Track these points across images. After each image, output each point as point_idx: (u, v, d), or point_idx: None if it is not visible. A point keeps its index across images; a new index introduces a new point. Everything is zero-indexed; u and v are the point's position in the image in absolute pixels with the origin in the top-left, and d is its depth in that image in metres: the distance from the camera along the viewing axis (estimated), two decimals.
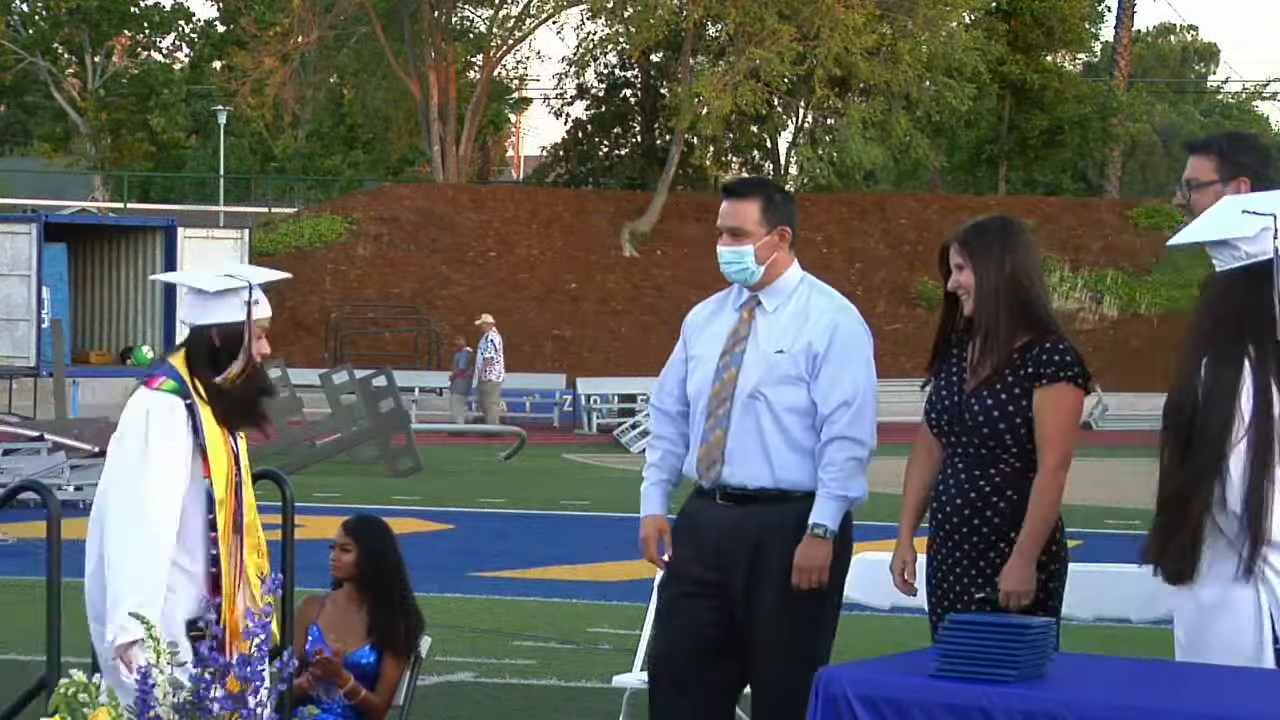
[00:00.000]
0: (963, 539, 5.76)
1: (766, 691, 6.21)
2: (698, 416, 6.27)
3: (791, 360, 6.15)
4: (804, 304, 6.24)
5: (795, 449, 6.14)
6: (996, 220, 5.99)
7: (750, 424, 6.14)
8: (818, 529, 6.07)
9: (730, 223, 6.26)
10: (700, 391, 6.26)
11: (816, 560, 6.06)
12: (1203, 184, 5.62)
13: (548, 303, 44.50)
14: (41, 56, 61.56)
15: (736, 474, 6.16)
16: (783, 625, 6.12)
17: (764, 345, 6.19)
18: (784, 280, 6.27)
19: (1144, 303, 45.82)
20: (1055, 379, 5.70)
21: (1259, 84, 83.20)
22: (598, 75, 53.75)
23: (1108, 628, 9.15)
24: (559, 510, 20.08)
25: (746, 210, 6.25)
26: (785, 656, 6.12)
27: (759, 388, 6.14)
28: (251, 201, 59.54)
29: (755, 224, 6.24)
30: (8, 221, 39.54)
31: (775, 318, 6.22)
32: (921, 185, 59.93)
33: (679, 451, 6.36)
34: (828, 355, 6.13)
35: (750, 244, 6.22)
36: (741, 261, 6.23)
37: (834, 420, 6.10)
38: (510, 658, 10.89)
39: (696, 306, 6.53)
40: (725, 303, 6.38)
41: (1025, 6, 51.08)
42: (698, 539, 6.25)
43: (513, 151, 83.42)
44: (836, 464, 6.09)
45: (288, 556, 5.93)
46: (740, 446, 6.15)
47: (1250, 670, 5.07)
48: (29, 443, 20.08)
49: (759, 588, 6.13)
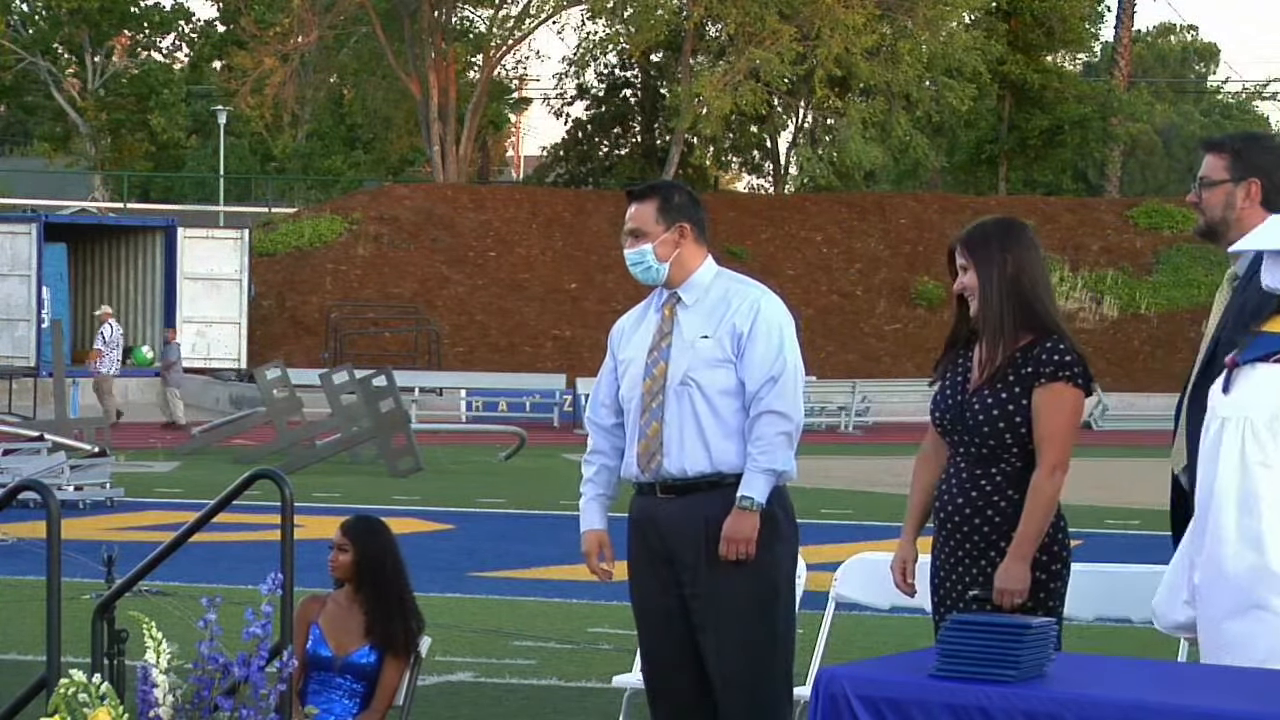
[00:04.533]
0: (964, 538, 5.77)
1: (728, 677, 6.28)
2: (632, 416, 6.39)
3: (717, 343, 6.27)
4: (724, 293, 6.38)
5: (729, 433, 6.25)
6: (1000, 221, 5.99)
7: (685, 410, 6.26)
8: (745, 500, 6.16)
9: (630, 225, 6.45)
10: (632, 391, 6.40)
11: (744, 532, 6.15)
12: (1214, 183, 5.62)
13: (548, 303, 44.52)
14: (41, 56, 61.58)
15: (675, 462, 6.27)
16: (737, 609, 6.22)
17: (688, 335, 6.33)
18: (699, 275, 6.41)
19: (1144, 303, 45.82)
20: (1054, 378, 5.70)
21: (1259, 84, 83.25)
22: (598, 75, 53.81)
23: (1108, 628, 9.15)
24: (559, 510, 20.04)
25: (644, 211, 6.41)
26: (743, 641, 6.22)
27: (688, 374, 6.27)
28: (251, 201, 59.59)
29: (652, 223, 6.38)
30: (8, 221, 39.60)
31: (696, 309, 6.37)
32: (921, 185, 59.93)
33: (614, 465, 6.53)
34: (751, 334, 6.26)
35: (649, 243, 6.38)
36: (644, 260, 6.39)
37: (761, 396, 6.21)
38: (510, 658, 10.89)
39: (621, 318, 6.69)
40: (648, 307, 6.55)
41: (1025, 6, 51.09)
42: (648, 537, 6.37)
43: (513, 151, 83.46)
44: (765, 438, 6.19)
45: (287, 556, 5.93)
46: (676, 435, 6.27)
47: (1251, 670, 5.07)
48: (29, 443, 20.07)
49: (711, 576, 6.22)
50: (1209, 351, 5.60)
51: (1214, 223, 5.67)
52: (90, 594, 11.63)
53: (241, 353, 39.33)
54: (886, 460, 9.68)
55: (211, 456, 25.74)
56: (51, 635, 5.31)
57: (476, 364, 41.52)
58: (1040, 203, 51.08)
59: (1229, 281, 5.70)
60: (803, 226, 47.11)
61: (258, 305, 41.80)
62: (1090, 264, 46.96)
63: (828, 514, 18.29)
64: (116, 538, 14.52)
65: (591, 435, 6.62)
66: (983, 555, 5.75)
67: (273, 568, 5.44)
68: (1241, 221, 5.63)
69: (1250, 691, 4.74)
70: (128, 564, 8.66)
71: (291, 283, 44.36)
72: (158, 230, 40.12)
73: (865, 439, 33.06)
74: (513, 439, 27.38)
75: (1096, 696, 4.60)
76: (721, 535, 6.18)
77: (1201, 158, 5.75)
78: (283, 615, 5.80)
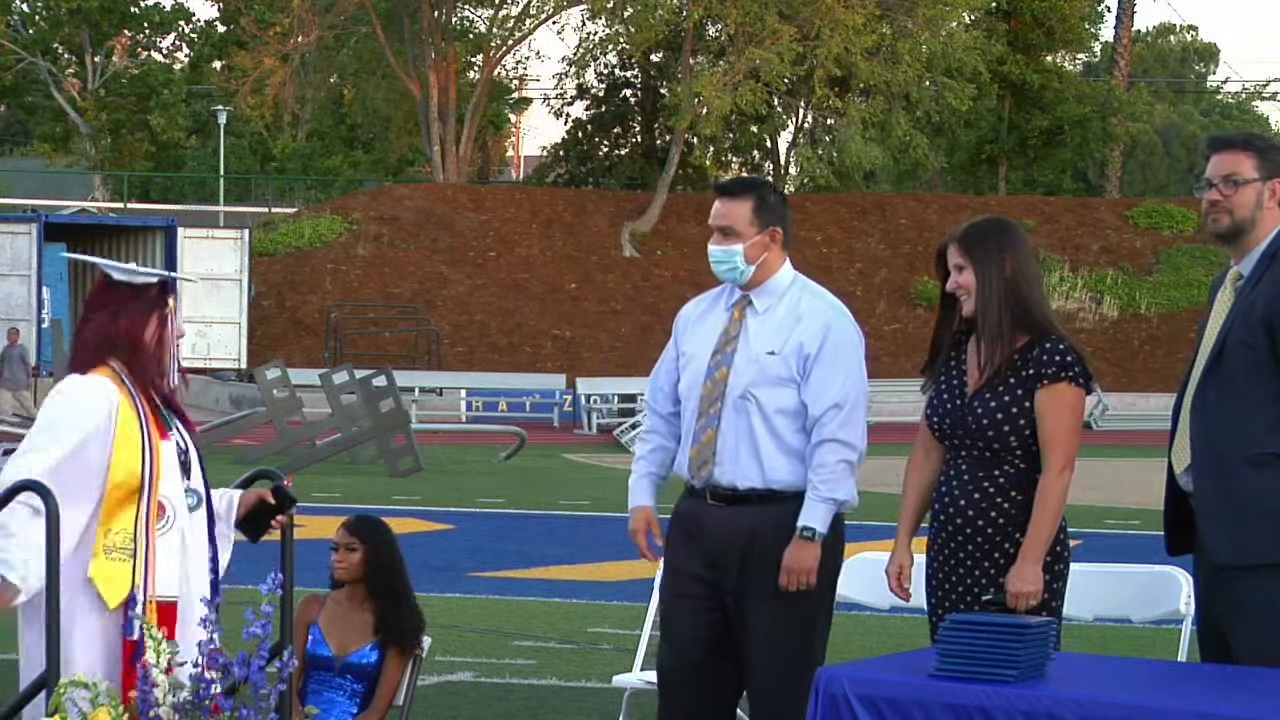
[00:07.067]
0: (966, 540, 5.76)
1: (763, 693, 6.22)
2: (689, 415, 6.27)
3: (783, 361, 6.15)
4: (796, 305, 6.24)
5: (785, 450, 6.14)
6: (994, 220, 5.98)
7: (741, 424, 6.15)
8: (806, 531, 6.06)
9: (722, 222, 6.26)
10: (691, 390, 6.26)
11: (805, 563, 6.06)
12: (1245, 180, 5.59)
13: (548, 303, 44.51)
14: (41, 56, 61.56)
15: (727, 474, 6.17)
16: (775, 626, 6.13)
17: (755, 346, 6.19)
18: (775, 281, 6.27)
19: (1144, 303, 45.82)
20: (1056, 379, 5.70)
21: (1259, 84, 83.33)
22: (598, 75, 53.78)
23: (1108, 628, 9.16)
24: (559, 510, 20.07)
25: (738, 210, 6.24)
26: (779, 657, 6.13)
27: (750, 389, 6.15)
28: (251, 201, 59.57)
29: (746, 224, 6.22)
30: (8, 221, 39.59)
31: (766, 318, 6.23)
32: (921, 185, 59.92)
33: (670, 447, 6.37)
34: (819, 357, 6.13)
35: (740, 243, 6.21)
36: (731, 261, 6.23)
37: (825, 423, 6.09)
38: (510, 658, 10.89)
39: (688, 304, 6.52)
40: (717, 301, 6.38)
41: (1025, 6, 51.08)
42: (691, 539, 6.26)
43: (513, 151, 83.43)
44: (827, 466, 6.08)
45: (287, 556, 5.92)
46: (730, 447, 6.16)
47: (1251, 670, 5.08)
48: None
49: (751, 588, 6.14)
50: (1215, 351, 5.59)
51: (1243, 222, 5.62)
52: None
53: (241, 353, 39.33)
54: (886, 460, 9.65)
55: (212, 456, 25.60)
56: (51, 635, 5.30)
57: (476, 364, 41.52)
58: (1040, 203, 51.07)
59: (1232, 282, 5.68)
60: (803, 226, 47.10)
61: (258, 305, 41.80)
62: (1090, 264, 46.94)
63: None
64: None
65: (649, 418, 6.48)
66: (986, 557, 5.74)
67: (273, 568, 5.43)
68: (1262, 223, 5.62)
69: (1250, 691, 4.74)
70: None
71: (291, 283, 44.35)
72: (158, 230, 40.11)
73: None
74: (513, 439, 27.38)
75: (1096, 696, 4.61)
76: (783, 565, 6.07)
77: (1208, 157, 5.71)
78: (283, 615, 5.79)
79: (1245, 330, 5.51)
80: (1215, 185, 5.62)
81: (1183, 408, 5.67)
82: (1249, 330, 5.50)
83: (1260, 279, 5.57)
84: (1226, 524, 5.49)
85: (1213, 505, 5.53)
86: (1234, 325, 5.55)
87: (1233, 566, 5.49)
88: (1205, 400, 5.57)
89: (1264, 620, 5.41)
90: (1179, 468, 5.69)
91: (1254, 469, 5.45)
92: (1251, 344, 5.49)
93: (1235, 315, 5.57)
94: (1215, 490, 5.52)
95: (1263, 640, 5.40)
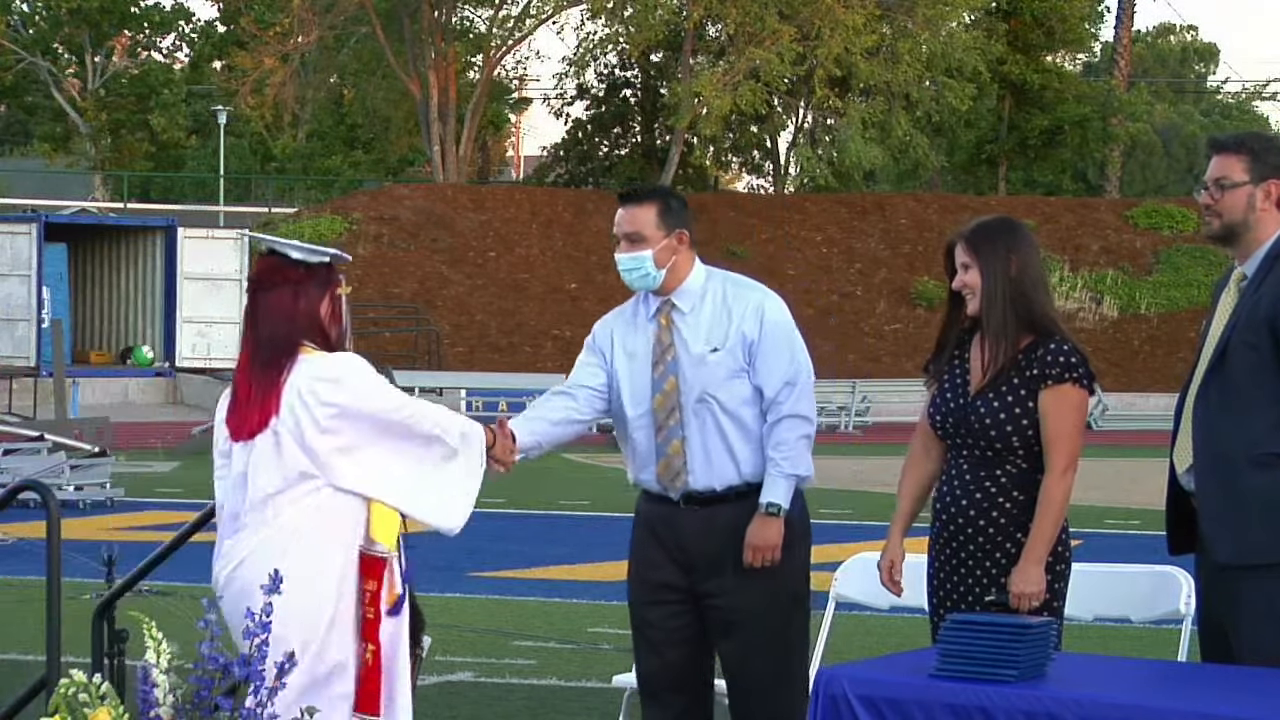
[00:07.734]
0: (968, 539, 5.76)
1: (746, 686, 6.25)
2: (640, 432, 6.27)
3: (729, 354, 6.19)
4: (722, 297, 6.27)
5: (754, 441, 6.19)
6: (1002, 220, 5.99)
7: (708, 427, 6.18)
8: (771, 507, 6.11)
9: (628, 229, 6.29)
10: (636, 406, 6.27)
11: (770, 539, 6.11)
12: (1234, 184, 5.58)
13: (548, 303, 44.51)
14: (41, 56, 61.54)
15: (702, 479, 6.20)
16: (761, 617, 6.18)
17: (694, 348, 6.22)
18: (691, 281, 6.30)
19: (1144, 303, 45.81)
20: (1060, 380, 5.69)
21: (1259, 84, 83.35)
22: (598, 75, 53.77)
23: (1108, 628, 9.16)
24: (559, 510, 20.07)
25: (643, 215, 6.27)
26: (765, 647, 6.19)
27: (706, 391, 6.18)
28: (251, 201, 59.58)
29: (653, 228, 6.25)
30: (8, 221, 39.55)
31: (695, 317, 6.25)
32: (921, 185, 59.91)
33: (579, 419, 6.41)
34: (762, 340, 6.18)
35: (649, 249, 6.24)
36: (642, 267, 6.25)
37: (780, 400, 6.15)
38: (510, 658, 10.89)
39: (601, 322, 6.51)
40: (636, 314, 6.38)
41: (1025, 6, 51.06)
42: (662, 544, 6.28)
43: (513, 151, 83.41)
44: (787, 443, 6.14)
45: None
46: (700, 452, 6.19)
47: (1252, 670, 5.08)
48: (29, 443, 20.07)
49: (736, 583, 6.17)
50: (1218, 351, 5.59)
51: (1233, 225, 5.62)
52: (90, 594, 11.64)
53: None
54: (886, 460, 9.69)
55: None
56: (51, 635, 5.31)
57: (476, 364, 41.50)
58: (1040, 203, 51.06)
59: (1236, 283, 5.68)
60: (803, 226, 47.09)
61: None
62: (1090, 264, 46.93)
63: (828, 514, 18.27)
64: (116, 538, 14.53)
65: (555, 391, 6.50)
66: (987, 557, 5.74)
67: None
68: (1260, 224, 5.61)
69: (1251, 691, 4.74)
70: (128, 564, 8.67)
71: None
72: (158, 230, 40.08)
73: (865, 439, 33.07)
74: None
75: (1096, 696, 4.61)
76: (746, 543, 6.11)
77: (1209, 158, 5.71)
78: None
79: (1249, 330, 5.51)
80: (1208, 188, 5.64)
81: (1185, 407, 5.67)
82: (1252, 330, 5.50)
83: (1264, 280, 5.56)
84: (1228, 524, 5.49)
85: (1215, 505, 5.53)
86: (1237, 326, 5.55)
87: (1234, 566, 5.49)
88: (1208, 400, 5.57)
89: (1265, 620, 5.41)
90: (1181, 467, 5.69)
91: (1256, 469, 5.45)
92: (1255, 344, 5.49)
93: (1239, 316, 5.57)
94: (1217, 490, 5.53)
95: (1264, 640, 5.40)
